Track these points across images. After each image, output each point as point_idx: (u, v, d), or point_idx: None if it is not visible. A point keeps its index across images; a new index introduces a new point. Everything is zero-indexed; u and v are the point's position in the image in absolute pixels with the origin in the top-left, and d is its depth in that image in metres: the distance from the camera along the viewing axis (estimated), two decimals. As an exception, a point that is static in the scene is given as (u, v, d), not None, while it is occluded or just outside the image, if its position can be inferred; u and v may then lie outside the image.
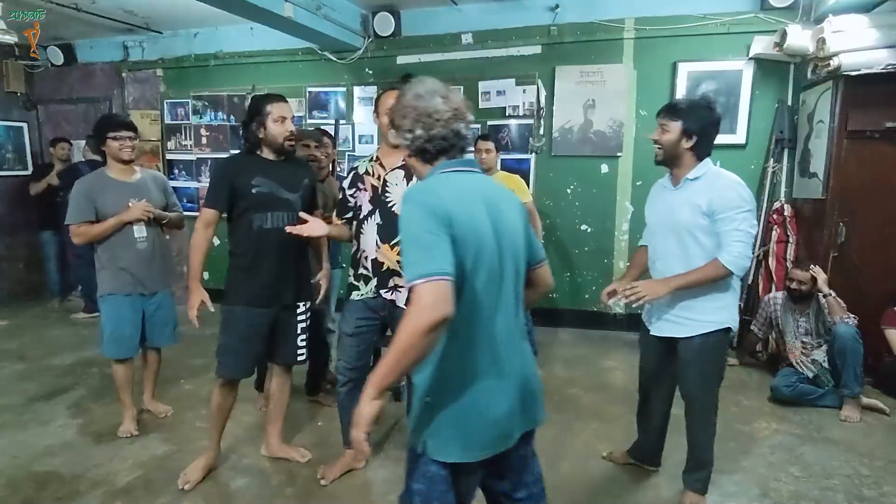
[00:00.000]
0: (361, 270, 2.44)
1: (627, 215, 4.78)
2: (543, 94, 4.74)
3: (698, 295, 2.15)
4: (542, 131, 4.83)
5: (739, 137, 4.42)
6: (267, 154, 2.51)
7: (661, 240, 2.25)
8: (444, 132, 1.40)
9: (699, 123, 2.12)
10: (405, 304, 2.23)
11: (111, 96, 6.11)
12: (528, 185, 4.88)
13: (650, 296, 2.12)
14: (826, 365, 3.42)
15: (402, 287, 2.32)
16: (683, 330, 2.20)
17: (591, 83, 4.67)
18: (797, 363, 3.52)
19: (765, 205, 4.37)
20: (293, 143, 2.53)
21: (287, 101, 2.55)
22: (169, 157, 5.98)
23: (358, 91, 5.29)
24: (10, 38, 4.01)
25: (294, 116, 2.61)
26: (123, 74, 5.99)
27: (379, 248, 2.36)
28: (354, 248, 2.47)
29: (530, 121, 4.83)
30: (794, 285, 3.58)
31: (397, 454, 2.86)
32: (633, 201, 4.75)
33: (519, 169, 4.76)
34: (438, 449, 1.35)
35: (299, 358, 2.67)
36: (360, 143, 5.36)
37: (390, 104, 2.11)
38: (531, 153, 4.88)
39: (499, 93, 4.81)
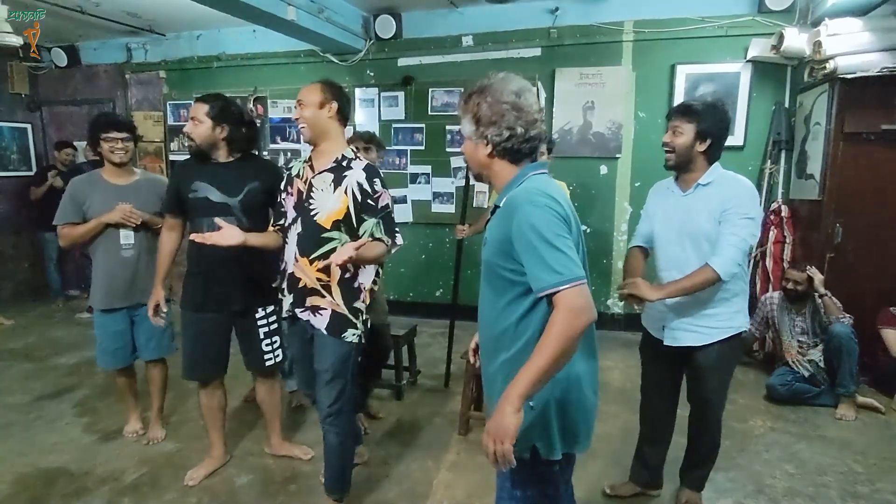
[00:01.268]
0: (283, 285, 2.21)
1: (626, 216, 4.82)
2: (543, 95, 4.78)
3: (715, 302, 2.08)
4: (541, 133, 4.87)
5: (737, 139, 4.46)
6: (218, 156, 2.41)
7: (676, 247, 2.13)
8: (538, 132, 1.39)
9: (715, 126, 2.03)
10: (326, 328, 2.09)
11: (115, 98, 6.16)
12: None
13: (642, 296, 2.07)
14: (822, 364, 3.47)
15: (322, 309, 2.10)
16: (701, 338, 2.11)
17: (590, 85, 4.72)
18: (793, 362, 3.56)
19: (762, 206, 4.41)
20: (189, 142, 2.40)
21: (199, 102, 2.38)
22: (172, 157, 6.03)
23: (359, 93, 5.33)
24: (15, 40, 4.06)
25: (196, 118, 2.35)
26: (127, 76, 6.04)
27: (297, 261, 2.10)
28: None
29: (530, 122, 4.86)
30: (790, 285, 3.62)
31: (398, 451, 2.91)
32: (631, 202, 4.79)
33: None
34: (550, 449, 1.36)
35: (267, 363, 2.58)
36: (361, 144, 5.39)
37: (314, 98, 2.03)
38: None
39: (499, 94, 4.83)
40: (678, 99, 4.49)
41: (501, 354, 1.39)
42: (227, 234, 2.09)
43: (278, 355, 2.62)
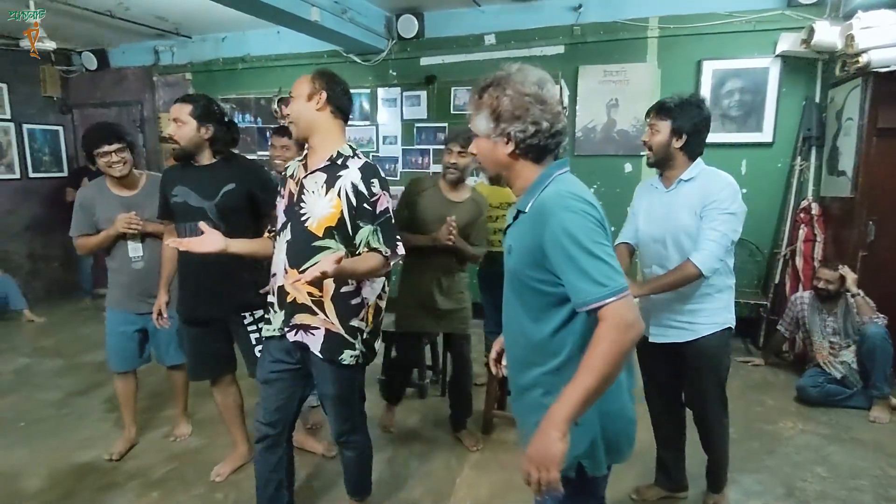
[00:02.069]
0: (271, 299, 1.98)
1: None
2: (566, 93, 4.74)
3: (698, 297, 2.08)
4: (564, 131, 4.84)
5: (766, 136, 4.37)
6: (202, 158, 2.36)
7: (658, 244, 2.14)
8: (562, 126, 1.29)
9: (689, 122, 2.03)
10: (320, 351, 1.87)
11: (142, 100, 6.28)
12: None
13: None
14: (854, 365, 3.38)
15: (314, 329, 1.87)
16: (686, 334, 2.11)
17: (614, 82, 4.67)
18: (825, 363, 3.48)
19: (791, 203, 4.32)
20: (173, 144, 2.33)
21: (179, 102, 2.32)
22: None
23: (382, 92, 5.36)
24: (49, 45, 4.17)
25: (179, 118, 2.29)
26: (154, 78, 6.16)
27: (286, 272, 1.87)
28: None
29: (553, 120, 4.83)
30: (821, 285, 3.53)
31: (421, 449, 2.91)
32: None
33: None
34: (596, 465, 1.29)
35: None
36: (383, 143, 5.43)
37: (302, 90, 1.84)
38: (554, 153, 4.88)
39: (521, 93, 4.81)
40: (704, 95, 4.40)
41: (536, 368, 1.32)
42: (208, 241, 1.91)
43: None
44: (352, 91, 1.97)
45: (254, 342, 2.41)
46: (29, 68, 6.03)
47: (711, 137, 4.65)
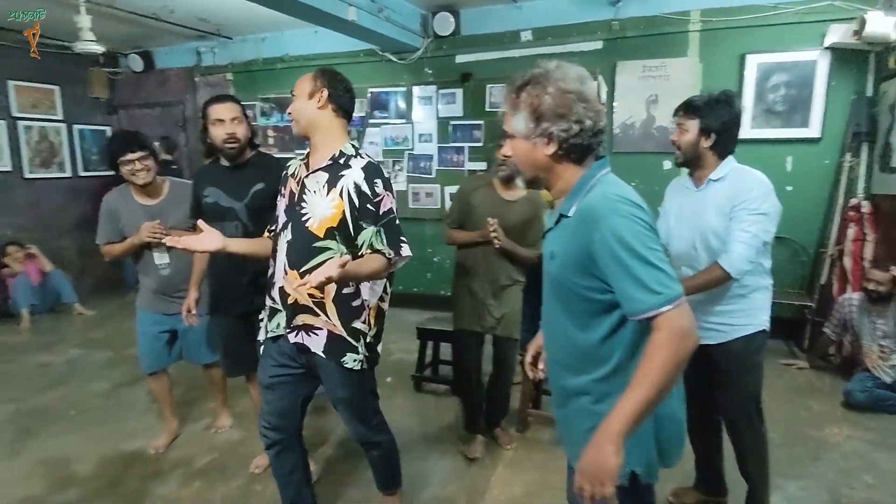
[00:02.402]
0: (269, 301, 1.95)
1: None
2: (604, 89, 4.67)
3: (731, 298, 2.01)
4: (601, 128, 4.77)
5: (813, 131, 4.22)
6: (224, 160, 2.36)
7: (687, 245, 2.07)
8: (604, 124, 1.25)
9: (718, 120, 1.96)
10: (324, 352, 1.83)
11: (184, 100, 6.46)
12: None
13: None
14: (907, 371, 3.24)
15: (317, 329, 1.84)
16: (718, 336, 2.03)
17: (654, 78, 4.57)
18: (873, 367, 3.35)
19: (840, 201, 4.15)
20: (234, 145, 2.29)
21: (228, 101, 2.31)
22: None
23: (417, 91, 5.38)
24: (97, 48, 4.32)
25: (237, 117, 2.31)
26: (196, 79, 6.32)
27: (286, 274, 1.84)
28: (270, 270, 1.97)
29: (589, 117, 4.76)
30: (872, 286, 3.39)
31: (454, 447, 2.92)
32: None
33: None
34: (649, 472, 1.27)
35: None
36: (419, 141, 5.45)
37: (303, 88, 1.81)
38: (590, 150, 4.82)
39: (557, 89, 4.76)
40: (748, 90, 4.29)
41: (584, 375, 1.28)
42: (205, 239, 1.86)
43: None
44: (388, 90, 1.96)
45: None
46: (79, 71, 6.26)
47: (755, 133, 4.55)
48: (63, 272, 5.74)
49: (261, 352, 2.01)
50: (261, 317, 2.03)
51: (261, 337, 1.99)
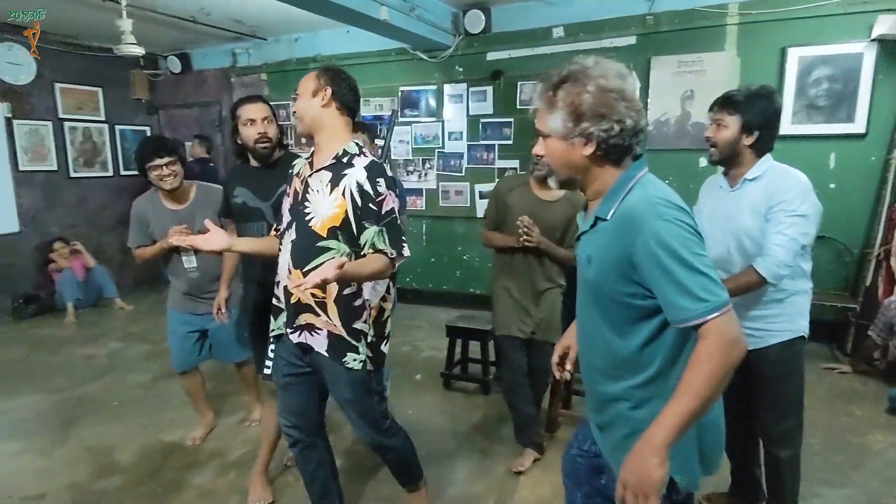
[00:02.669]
0: (275, 301, 1.96)
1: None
2: (638, 86, 4.58)
3: (767, 303, 1.92)
4: (635, 124, 4.69)
5: (858, 126, 4.06)
6: (253, 161, 2.34)
7: (720, 247, 1.98)
8: (645, 124, 1.20)
9: (761, 116, 1.85)
10: (326, 351, 1.83)
11: (221, 100, 6.61)
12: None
13: None
14: (959, 377, 3.10)
15: (318, 329, 1.84)
16: (754, 341, 1.92)
17: (689, 73, 4.47)
18: (924, 374, 3.21)
19: (887, 200, 3.99)
20: (266, 144, 2.27)
21: (258, 101, 2.31)
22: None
23: (448, 89, 5.38)
24: (138, 51, 4.46)
25: (268, 117, 2.29)
26: (232, 79, 6.46)
27: (290, 273, 1.83)
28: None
29: (623, 114, 4.69)
30: (921, 289, 3.25)
31: (485, 446, 2.92)
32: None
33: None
34: (691, 480, 1.23)
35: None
36: (449, 139, 5.45)
37: (307, 86, 1.80)
38: (623, 147, 4.75)
39: (590, 86, 4.71)
40: (789, 85, 4.16)
41: (622, 381, 1.25)
42: (212, 239, 1.88)
43: None
44: (418, 88, 1.94)
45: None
46: (120, 73, 6.46)
47: (796, 129, 4.41)
48: (105, 268, 5.95)
49: (270, 352, 2.03)
50: None
51: (274, 333, 1.99)
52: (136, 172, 6.60)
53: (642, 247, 1.11)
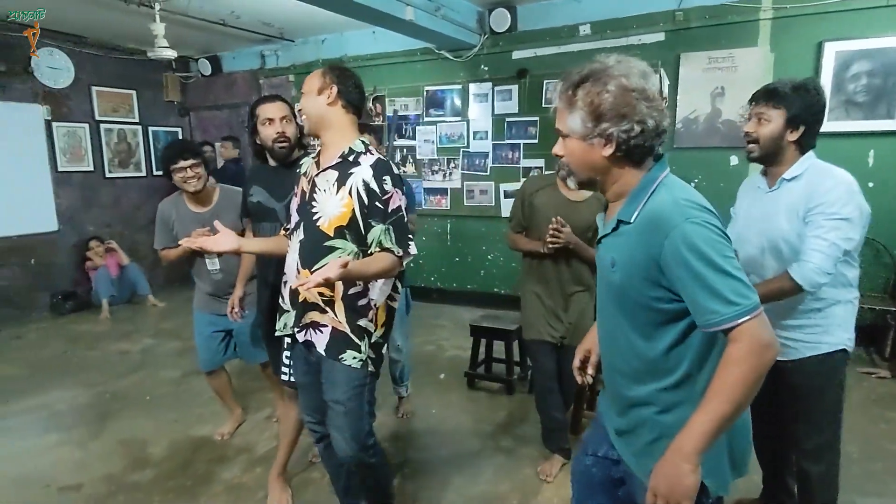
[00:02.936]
0: (280, 301, 1.96)
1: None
2: (666, 83, 4.52)
3: (804, 312, 1.80)
4: (663, 122, 4.61)
5: (899, 124, 3.92)
6: (271, 160, 2.33)
7: (755, 250, 1.87)
8: (667, 124, 1.18)
9: (808, 110, 1.73)
10: (325, 348, 1.81)
11: (250, 101, 6.63)
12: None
13: None
14: None
15: (322, 326, 1.82)
16: (788, 352, 1.81)
17: (720, 69, 4.37)
18: (968, 380, 3.07)
19: (930, 199, 3.85)
20: (284, 144, 2.25)
21: (277, 101, 2.29)
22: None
23: (473, 88, 5.37)
24: (171, 54, 4.57)
25: (287, 116, 2.27)
26: (261, 81, 6.56)
27: (299, 273, 1.82)
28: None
29: (651, 112, 4.62)
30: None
31: (510, 446, 2.91)
32: (766, 195, 4.38)
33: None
34: (720, 484, 1.21)
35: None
36: (474, 139, 5.44)
37: (312, 85, 1.78)
38: (651, 146, 4.68)
39: (617, 84, 4.65)
40: (825, 80, 4.03)
41: (648, 385, 1.23)
42: (220, 240, 1.89)
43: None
44: (443, 88, 1.92)
45: (285, 346, 2.29)
46: (154, 76, 6.64)
47: (833, 126, 4.31)
48: (138, 266, 6.11)
49: (285, 358, 2.06)
50: None
51: (281, 333, 1.98)
52: (168, 172, 6.84)
53: (670, 250, 1.08)
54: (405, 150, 5.81)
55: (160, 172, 6.70)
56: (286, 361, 2.20)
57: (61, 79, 5.80)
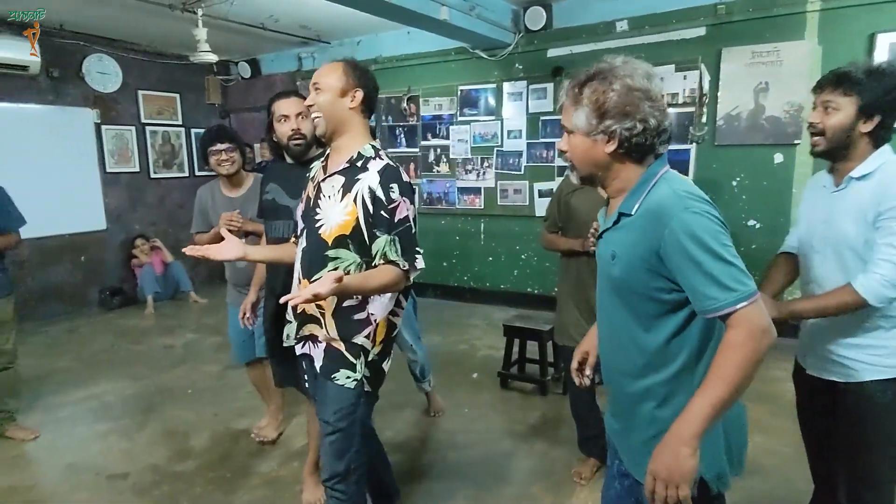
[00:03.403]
0: (287, 312, 1.84)
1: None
2: (707, 79, 4.40)
3: (870, 329, 1.59)
4: (704, 119, 4.50)
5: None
6: (288, 158, 2.26)
7: (818, 257, 1.68)
8: (668, 124, 1.21)
9: (885, 97, 1.52)
10: (319, 365, 1.72)
11: (288, 103, 6.84)
12: (687, 176, 4.59)
13: None
14: None
15: (318, 341, 1.73)
16: (848, 373, 1.63)
17: (763, 64, 4.24)
18: None
19: None
20: (299, 141, 2.19)
21: (292, 96, 2.22)
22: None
23: (507, 87, 5.36)
24: (213, 58, 4.70)
25: (303, 113, 2.17)
26: (298, 83, 6.67)
27: (300, 283, 1.73)
28: None
29: (691, 109, 4.51)
30: None
31: (543, 448, 2.89)
32: (812, 194, 4.23)
33: (677, 160, 4.49)
34: (721, 479, 1.21)
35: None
36: (508, 138, 5.43)
37: (334, 83, 1.65)
38: (691, 143, 4.57)
39: (655, 80, 4.56)
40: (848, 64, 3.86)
41: (648, 378, 1.24)
42: (225, 248, 1.78)
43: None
44: (477, 87, 1.84)
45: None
46: (196, 79, 6.85)
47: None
48: (181, 263, 6.32)
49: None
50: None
51: (286, 344, 1.89)
52: (211, 173, 7.02)
53: (671, 239, 1.12)
54: (439, 150, 5.84)
55: (203, 173, 6.96)
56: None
57: (110, 83, 6.04)
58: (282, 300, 1.50)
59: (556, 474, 2.65)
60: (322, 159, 1.81)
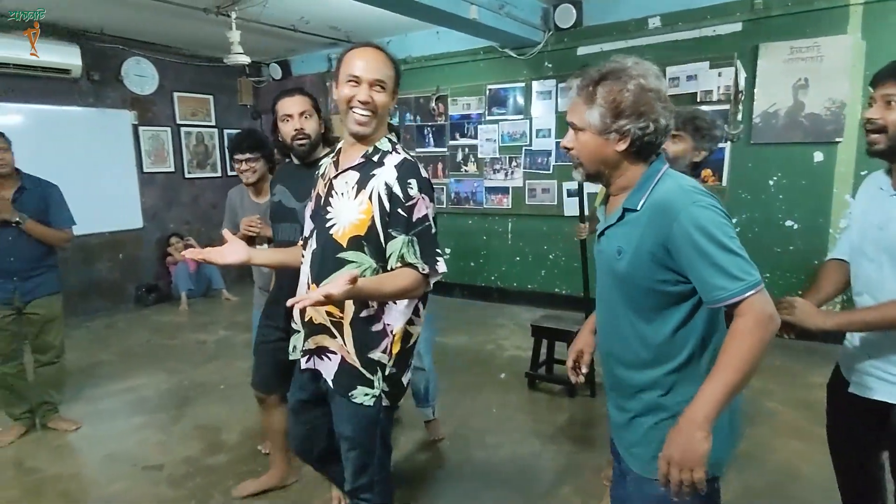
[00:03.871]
0: (293, 321, 1.73)
1: (847, 210, 4.13)
2: (742, 75, 4.30)
3: None
4: (739, 117, 4.39)
5: None
6: (294, 158, 2.20)
7: (872, 265, 1.54)
8: (673, 122, 1.25)
9: None
10: (333, 381, 1.59)
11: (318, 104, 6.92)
12: (722, 175, 4.50)
13: (799, 322, 1.50)
14: None
15: (331, 353, 1.59)
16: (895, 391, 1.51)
17: (803, 60, 4.11)
18: None
19: None
20: (303, 141, 2.11)
21: (296, 95, 2.14)
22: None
23: (536, 85, 5.32)
24: (245, 60, 4.79)
25: (307, 111, 2.14)
26: (328, 84, 6.74)
27: (309, 288, 1.60)
28: None
29: (726, 106, 4.40)
30: None
31: (572, 449, 2.86)
32: (854, 194, 4.09)
33: (711, 159, 4.39)
34: (719, 465, 1.25)
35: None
36: (536, 137, 5.39)
37: (391, 82, 1.55)
38: (726, 141, 4.46)
39: (689, 78, 4.45)
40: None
41: (653, 369, 1.26)
42: (228, 252, 1.70)
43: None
44: (506, 86, 1.77)
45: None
46: (229, 81, 6.98)
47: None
48: (214, 261, 6.45)
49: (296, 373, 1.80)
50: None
51: (291, 356, 1.76)
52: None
53: (679, 232, 1.15)
54: (466, 150, 5.83)
55: (235, 173, 7.09)
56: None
57: (147, 86, 6.20)
58: (289, 303, 1.37)
59: (584, 476, 2.62)
60: (333, 154, 1.68)
